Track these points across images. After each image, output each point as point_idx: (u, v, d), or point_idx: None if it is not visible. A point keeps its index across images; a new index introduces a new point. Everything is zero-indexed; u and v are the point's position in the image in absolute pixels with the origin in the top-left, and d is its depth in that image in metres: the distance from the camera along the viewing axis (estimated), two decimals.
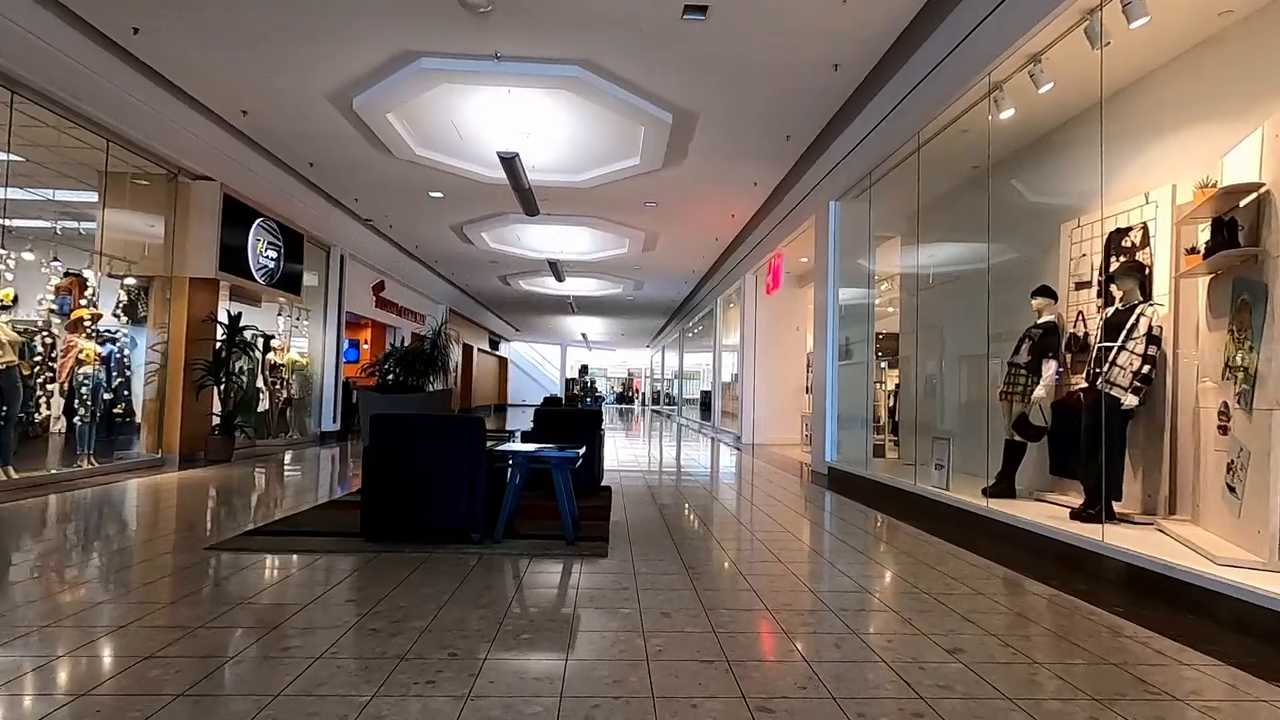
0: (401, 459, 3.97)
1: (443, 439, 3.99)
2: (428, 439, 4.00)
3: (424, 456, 3.97)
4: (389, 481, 3.97)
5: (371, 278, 14.33)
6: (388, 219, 12.35)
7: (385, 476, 3.97)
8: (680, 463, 10.08)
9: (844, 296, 8.50)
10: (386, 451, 3.98)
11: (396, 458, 3.97)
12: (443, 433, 4.00)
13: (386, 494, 3.97)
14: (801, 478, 8.36)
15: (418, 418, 4.18)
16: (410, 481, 3.96)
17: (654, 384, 43.83)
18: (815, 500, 6.73)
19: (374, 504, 3.98)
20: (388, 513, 3.97)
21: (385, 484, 3.97)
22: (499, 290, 20.36)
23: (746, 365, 13.63)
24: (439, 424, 4.07)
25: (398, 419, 4.05)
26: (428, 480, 3.95)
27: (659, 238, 13.18)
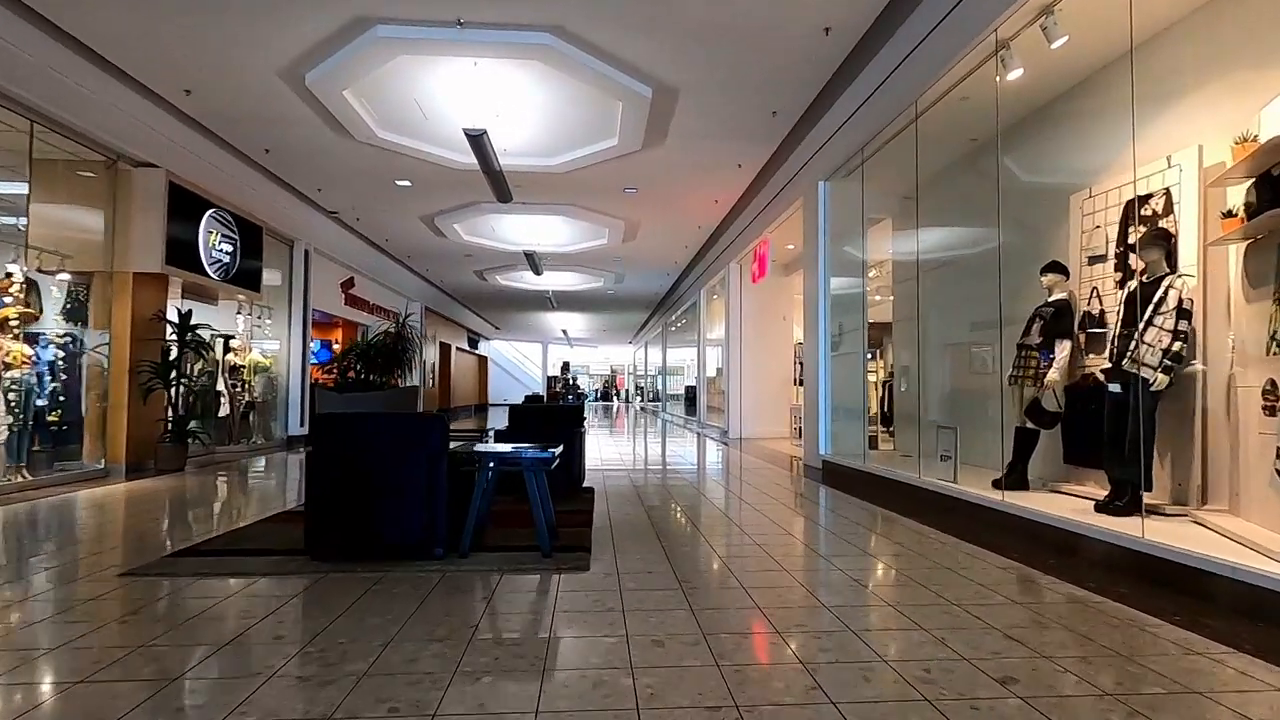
0: (351, 464, 3.47)
1: (398, 441, 3.49)
2: (381, 441, 3.50)
3: (376, 461, 3.47)
4: (337, 491, 3.46)
5: (340, 274, 13.71)
6: (354, 211, 11.75)
7: (333, 485, 3.46)
8: (666, 459, 9.64)
9: (835, 282, 8.09)
10: (333, 456, 3.48)
11: (345, 463, 3.47)
12: (398, 433, 3.51)
13: (335, 505, 3.47)
14: (793, 472, 7.95)
15: (368, 417, 3.68)
16: (362, 490, 3.46)
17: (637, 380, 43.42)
18: (811, 496, 6.32)
19: (320, 517, 3.47)
20: (337, 527, 3.47)
21: (333, 494, 3.47)
22: (476, 286, 19.77)
23: (732, 357, 13.22)
24: (393, 423, 3.57)
25: (345, 419, 3.55)
26: (381, 488, 3.46)
27: (640, 227, 12.71)
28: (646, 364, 34.33)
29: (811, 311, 8.30)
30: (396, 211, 11.77)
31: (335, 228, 12.41)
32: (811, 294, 8.34)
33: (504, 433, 5.81)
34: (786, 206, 9.15)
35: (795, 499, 6.11)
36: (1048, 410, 5.05)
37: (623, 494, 6.01)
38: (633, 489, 6.36)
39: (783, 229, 10.48)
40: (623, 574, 3.36)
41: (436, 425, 3.53)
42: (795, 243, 11.74)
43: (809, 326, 8.45)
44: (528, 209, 11.40)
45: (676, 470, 8.18)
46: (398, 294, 17.46)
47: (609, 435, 14.82)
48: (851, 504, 5.80)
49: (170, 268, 7.72)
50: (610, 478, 7.16)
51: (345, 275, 13.92)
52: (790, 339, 13.57)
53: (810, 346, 8.35)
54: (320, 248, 12.23)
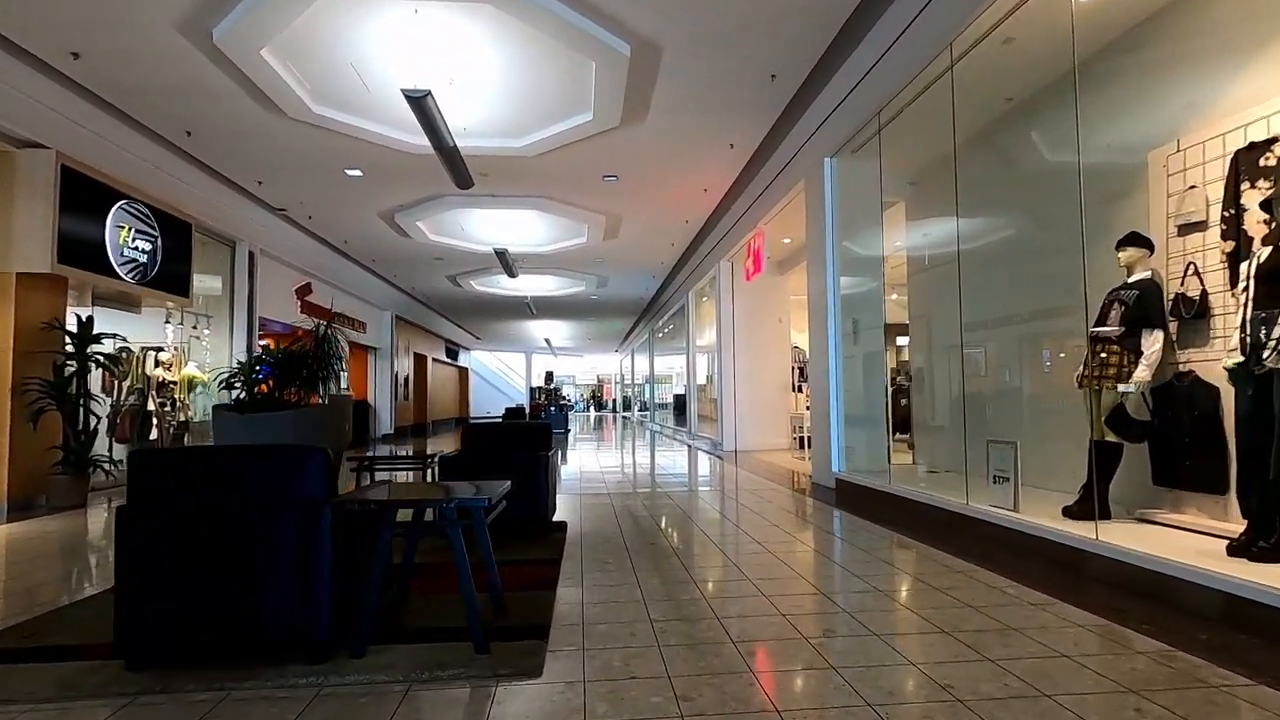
0: (186, 525, 2.34)
1: (258, 488, 2.37)
2: (232, 490, 2.38)
3: (224, 519, 2.34)
4: (163, 564, 2.33)
5: (295, 279, 12.52)
6: (304, 207, 10.59)
7: (157, 556, 2.33)
8: (655, 478, 8.53)
9: (846, 276, 7.04)
10: (159, 514, 2.35)
11: (178, 523, 2.34)
12: (257, 477, 2.38)
13: (160, 586, 2.33)
14: (801, 491, 6.86)
15: (212, 454, 2.56)
16: (201, 562, 2.33)
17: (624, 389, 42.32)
18: (826, 525, 5.25)
19: (138, 605, 2.33)
20: (164, 617, 2.33)
21: (158, 569, 2.33)
22: (450, 293, 18.61)
23: (725, 363, 12.16)
24: (249, 463, 2.44)
25: (170, 459, 2.43)
26: (231, 559, 2.33)
27: (622, 222, 11.64)
28: (633, 373, 33.23)
29: (818, 308, 7.26)
30: (351, 208, 10.62)
31: (285, 227, 11.24)
32: (818, 288, 7.29)
33: (453, 459, 4.69)
34: (785, 191, 8.12)
35: (812, 533, 5.03)
36: (1136, 419, 4.00)
37: (602, 530, 4.90)
38: (614, 521, 5.24)
39: (778, 221, 9.46)
40: (591, 681, 2.25)
41: (314, 464, 2.40)
42: (792, 236, 10.73)
43: (815, 325, 7.40)
44: (496, 202, 10.30)
45: (666, 493, 7.07)
46: (364, 301, 16.28)
47: (594, 448, 13.69)
48: (876, 535, 4.75)
49: (66, 268, 6.54)
50: (590, 504, 6.05)
51: (301, 280, 12.74)
52: (787, 342, 12.54)
53: (818, 347, 7.29)
54: (269, 250, 11.06)
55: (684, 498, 6.74)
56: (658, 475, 8.88)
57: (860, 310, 6.93)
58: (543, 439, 4.99)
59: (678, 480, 8.27)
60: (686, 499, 6.66)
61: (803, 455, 10.06)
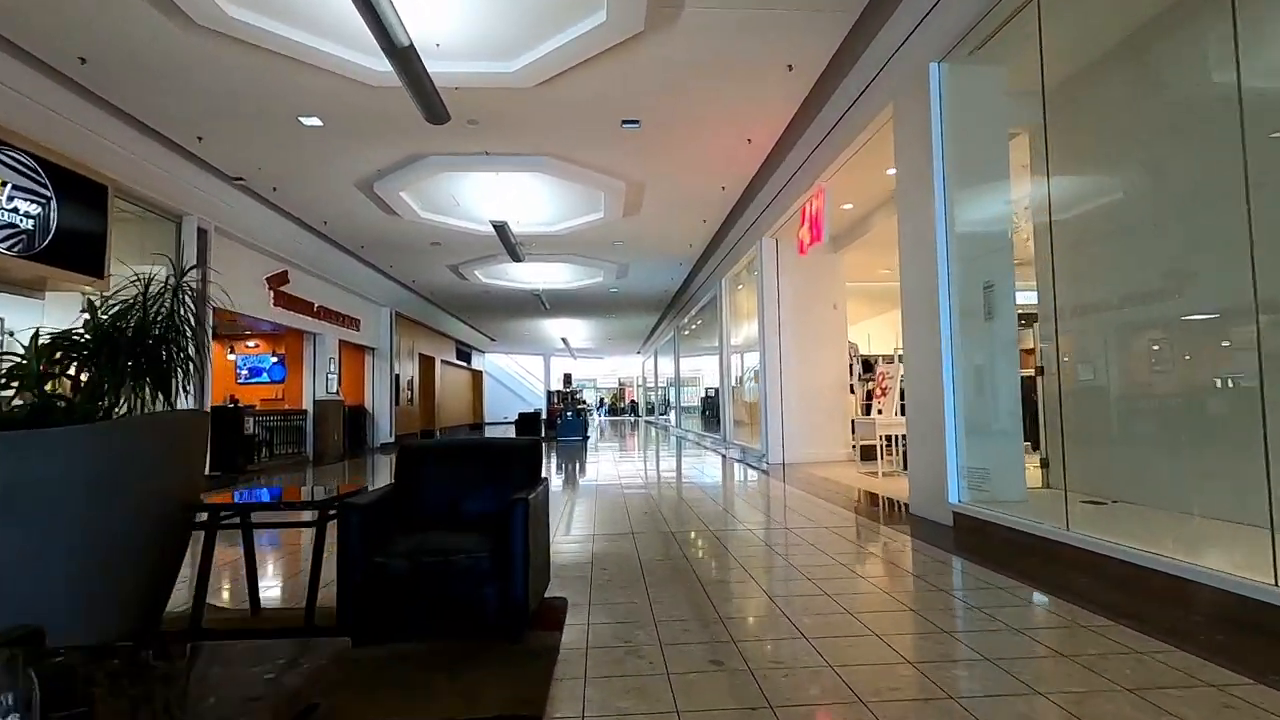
0: None
1: None
2: None
3: None
4: None
5: (266, 266, 10.81)
6: (263, 175, 8.83)
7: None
8: (691, 504, 6.59)
9: (963, 220, 5.06)
10: None
11: None
12: None
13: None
14: (897, 526, 4.86)
15: None
16: None
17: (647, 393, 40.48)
18: (943, 581, 3.28)
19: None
20: None
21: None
22: (454, 287, 16.84)
23: (769, 359, 10.18)
24: None
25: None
26: None
27: (644, 192, 9.74)
28: (657, 375, 31.31)
29: (919, 269, 5.28)
30: (319, 173, 8.85)
31: (248, 202, 9.51)
32: (918, 251, 5.32)
33: (371, 507, 2.80)
34: (864, 124, 6.15)
35: (943, 608, 3.04)
36: None
37: (627, 620, 2.97)
38: (643, 594, 3.32)
39: (839, 182, 7.52)
40: None
41: None
42: (855, 200, 8.74)
43: (913, 294, 5.43)
44: (491, 164, 8.45)
45: (714, 531, 5.12)
46: (357, 295, 14.57)
47: (614, 459, 11.78)
48: (1039, 609, 2.78)
49: None
50: (606, 556, 4.14)
51: (275, 268, 11.02)
52: (843, 333, 10.53)
53: (920, 326, 5.31)
54: (228, 228, 9.33)
55: (741, 541, 4.78)
56: (695, 501, 6.94)
57: (983, 278, 4.94)
58: (524, 468, 3.09)
59: (722, 509, 6.31)
60: (745, 544, 4.70)
61: (873, 471, 8.05)
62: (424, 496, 3.00)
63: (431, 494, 3.01)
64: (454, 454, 3.17)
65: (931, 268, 5.05)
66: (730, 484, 8.39)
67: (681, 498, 6.99)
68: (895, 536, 4.78)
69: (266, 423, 11.82)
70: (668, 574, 3.73)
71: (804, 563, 4.00)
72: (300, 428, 12.79)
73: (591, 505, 6.46)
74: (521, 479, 3.05)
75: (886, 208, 8.85)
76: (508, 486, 2.99)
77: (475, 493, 3.01)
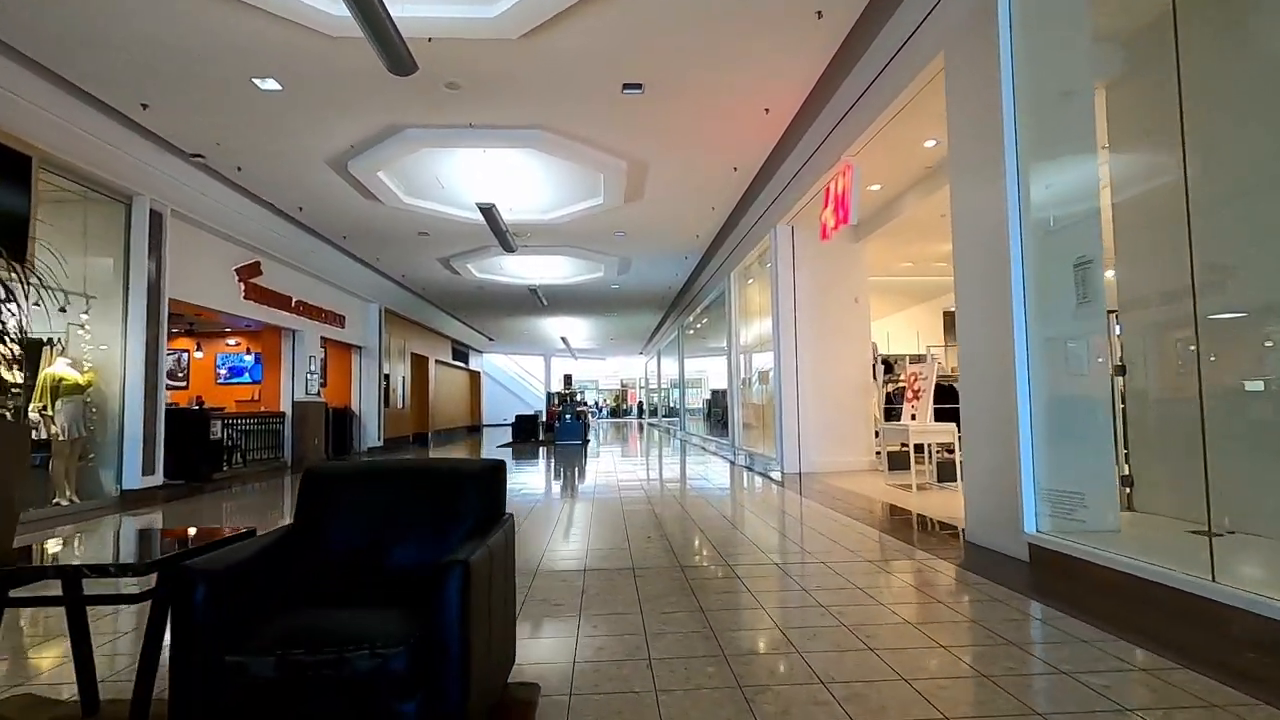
0: None
1: None
2: None
3: None
4: None
5: (235, 255, 9.92)
6: (223, 150, 7.94)
7: None
8: (700, 524, 5.68)
9: (1041, 188, 4.14)
10: None
11: None
12: None
13: None
14: (939, 551, 3.93)
15: None
16: None
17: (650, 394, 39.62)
18: (1021, 635, 2.35)
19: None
20: None
21: None
22: (447, 282, 15.95)
23: (785, 358, 9.27)
24: None
25: None
26: None
27: (648, 173, 8.84)
28: (660, 376, 30.40)
29: (981, 248, 4.37)
30: (288, 153, 7.97)
31: (210, 183, 8.63)
32: (980, 214, 4.41)
33: (234, 572, 1.88)
34: (905, 82, 5.24)
35: (1032, 676, 2.11)
36: None
37: (617, 700, 2.07)
38: (644, 663, 2.42)
39: (864, 160, 6.62)
40: None
41: None
42: (884, 180, 7.83)
43: (972, 277, 4.52)
44: (477, 138, 7.55)
45: (726, 561, 4.21)
46: (343, 290, 13.68)
47: (614, 466, 10.87)
48: (1179, 690, 1.83)
49: None
50: (598, 591, 3.24)
51: (246, 258, 10.14)
52: (866, 329, 9.61)
53: (980, 315, 4.40)
54: (189, 212, 8.45)
55: (766, 582, 3.86)
56: (705, 522, 6.02)
57: (1067, 254, 4.02)
58: (479, 502, 2.18)
59: (737, 530, 5.39)
60: (771, 587, 3.78)
61: (904, 483, 7.13)
62: (331, 544, 2.09)
63: (343, 540, 2.10)
64: (381, 481, 2.26)
65: (999, 245, 4.14)
66: (742, 498, 7.47)
67: (687, 514, 6.07)
68: (951, 572, 3.86)
69: (240, 426, 10.93)
70: (679, 640, 2.82)
71: (845, 609, 3.09)
72: (278, 431, 11.90)
73: (585, 523, 5.55)
74: (474, 518, 2.15)
75: (918, 189, 7.94)
76: (454, 528, 2.09)
77: (406, 538, 2.11)
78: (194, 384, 15.66)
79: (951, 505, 6.21)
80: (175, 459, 9.50)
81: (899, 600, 3.33)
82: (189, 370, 15.68)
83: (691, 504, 6.79)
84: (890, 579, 3.74)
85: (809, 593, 3.51)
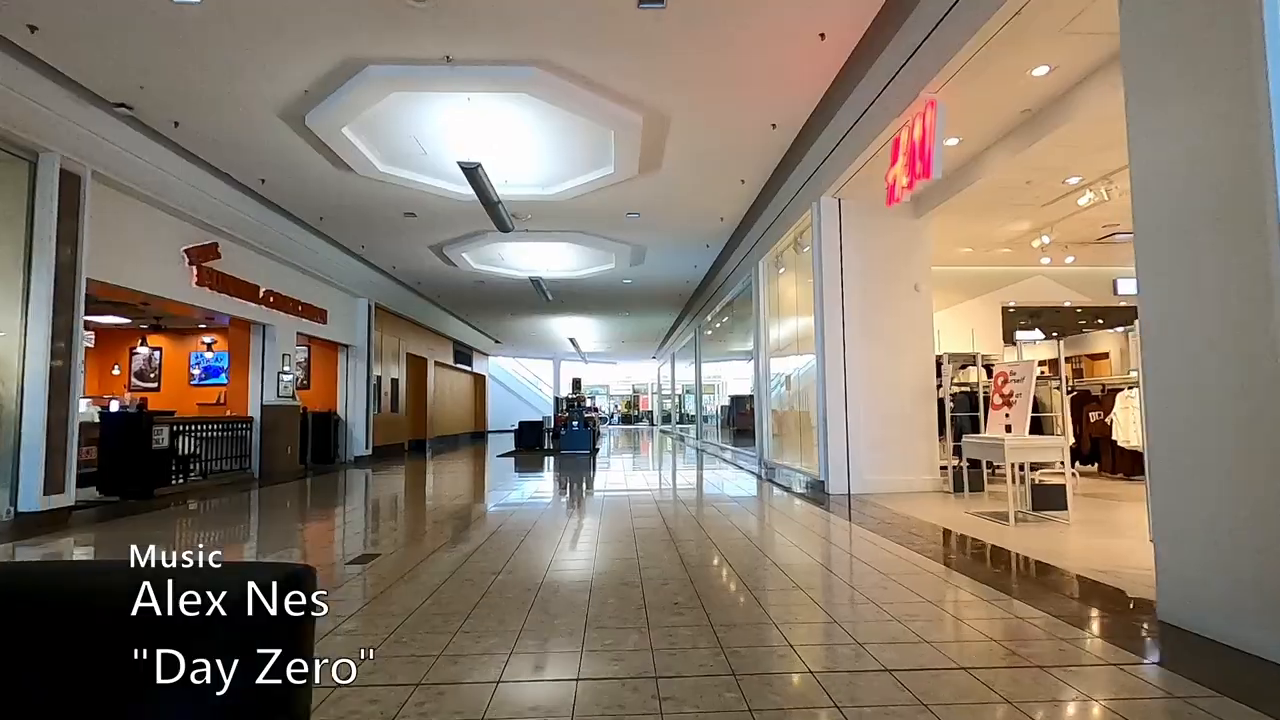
0: None
1: None
2: None
3: None
4: None
5: (187, 235, 8.53)
6: (147, 94, 6.52)
7: None
8: (743, 575, 4.16)
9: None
10: None
11: None
12: None
13: None
14: (1109, 632, 2.37)
15: None
16: None
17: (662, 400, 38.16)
18: None
19: None
20: None
21: None
22: (444, 275, 14.51)
23: (830, 358, 7.73)
24: None
25: None
26: None
27: (669, 131, 7.36)
28: (674, 381, 28.87)
29: (1199, 178, 2.82)
30: (230, 100, 6.55)
31: (143, 141, 7.23)
32: (1184, 124, 2.86)
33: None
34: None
35: None
36: None
37: None
38: None
39: (948, 101, 5.10)
40: None
41: None
42: (964, 131, 6.30)
43: (1179, 222, 2.96)
44: (460, 77, 6.08)
45: (788, 642, 2.69)
46: (324, 282, 12.27)
47: (624, 482, 9.34)
48: None
49: None
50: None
51: (200, 238, 8.74)
52: (928, 323, 8.06)
53: (1185, 277, 2.84)
54: (118, 177, 7.06)
55: (856, 684, 2.33)
56: (749, 575, 4.49)
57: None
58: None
59: (794, 584, 3.85)
60: (859, 686, 2.25)
61: (991, 512, 5.56)
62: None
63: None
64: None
65: (1249, 167, 2.59)
66: (784, 530, 5.93)
67: (724, 559, 4.53)
68: (1162, 681, 2.32)
69: (198, 433, 9.53)
70: None
71: None
72: (244, 438, 10.49)
73: (585, 577, 4.05)
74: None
75: (1009, 141, 6.39)
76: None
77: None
78: (166, 386, 14.36)
79: (1079, 549, 4.65)
80: (111, 472, 8.12)
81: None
82: (160, 370, 14.38)
83: (724, 538, 5.24)
84: (1062, 689, 2.21)
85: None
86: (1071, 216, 8.11)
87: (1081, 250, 9.87)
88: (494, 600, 3.48)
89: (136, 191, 7.43)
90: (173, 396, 13.86)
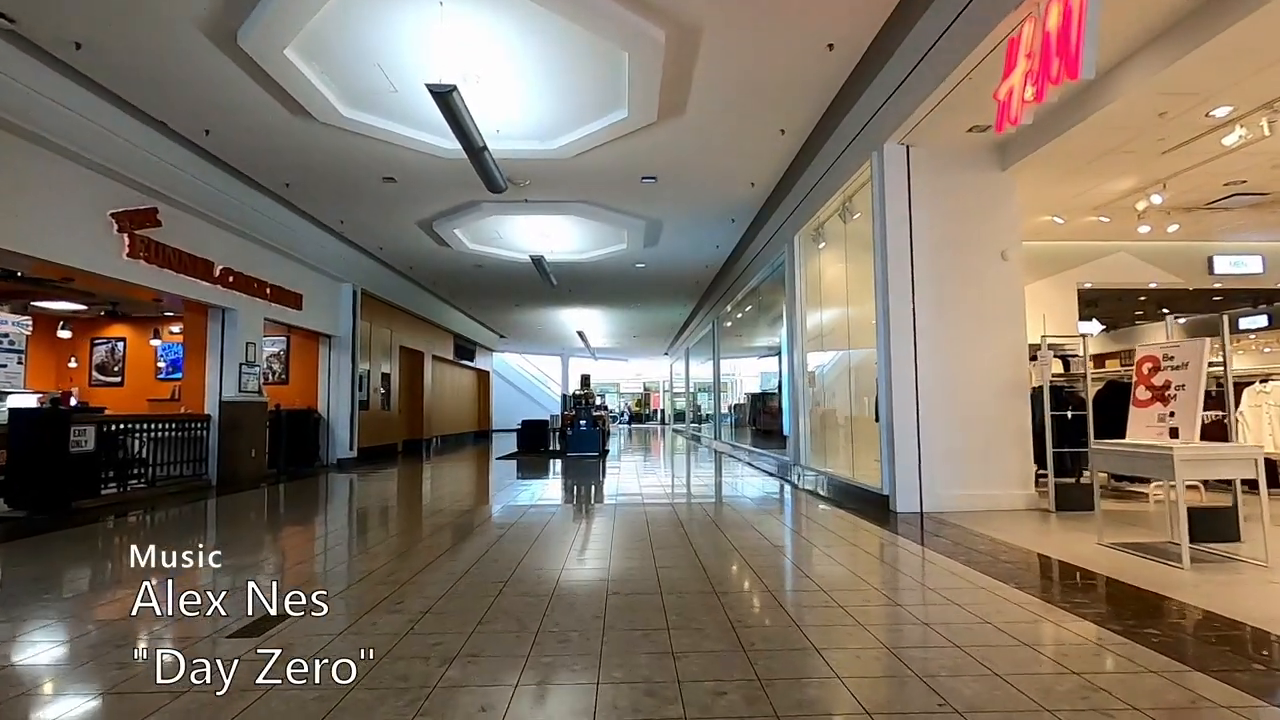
0: None
1: None
2: None
3: None
4: None
5: (115, 196, 7.11)
6: (38, 13, 5.10)
7: None
8: (816, 643, 2.68)
9: None
10: None
11: None
12: None
13: None
14: None
15: None
16: None
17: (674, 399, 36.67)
18: None
19: None
20: None
21: None
22: (438, 258, 13.06)
23: (896, 344, 6.20)
24: None
25: None
26: None
27: (696, 54, 5.86)
28: (687, 378, 27.35)
29: None
30: (142, 13, 5.13)
31: (42, 71, 5.81)
32: None
33: None
34: None
35: None
36: None
37: None
38: None
39: None
40: None
41: None
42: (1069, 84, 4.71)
43: None
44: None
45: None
46: (298, 262, 10.86)
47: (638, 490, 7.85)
48: None
49: None
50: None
51: (133, 201, 7.32)
52: (1018, 301, 6.52)
53: None
54: (12, 115, 5.66)
55: None
56: (836, 653, 3.01)
57: None
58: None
59: (909, 679, 2.36)
60: None
61: (1129, 543, 4.03)
62: None
63: None
64: None
65: None
66: (861, 575, 4.41)
67: (805, 637, 3.04)
68: None
69: (140, 433, 8.14)
70: None
71: None
72: (200, 440, 9.09)
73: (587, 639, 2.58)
74: None
75: (1143, 57, 4.85)
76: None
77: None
78: (130, 380, 13.03)
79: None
80: (21, 480, 6.74)
81: None
82: (124, 363, 13.03)
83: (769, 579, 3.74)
84: None
85: None
86: (1195, 168, 6.55)
87: (1185, 219, 8.28)
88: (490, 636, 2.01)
89: (44, 139, 6.02)
90: (136, 392, 12.53)
